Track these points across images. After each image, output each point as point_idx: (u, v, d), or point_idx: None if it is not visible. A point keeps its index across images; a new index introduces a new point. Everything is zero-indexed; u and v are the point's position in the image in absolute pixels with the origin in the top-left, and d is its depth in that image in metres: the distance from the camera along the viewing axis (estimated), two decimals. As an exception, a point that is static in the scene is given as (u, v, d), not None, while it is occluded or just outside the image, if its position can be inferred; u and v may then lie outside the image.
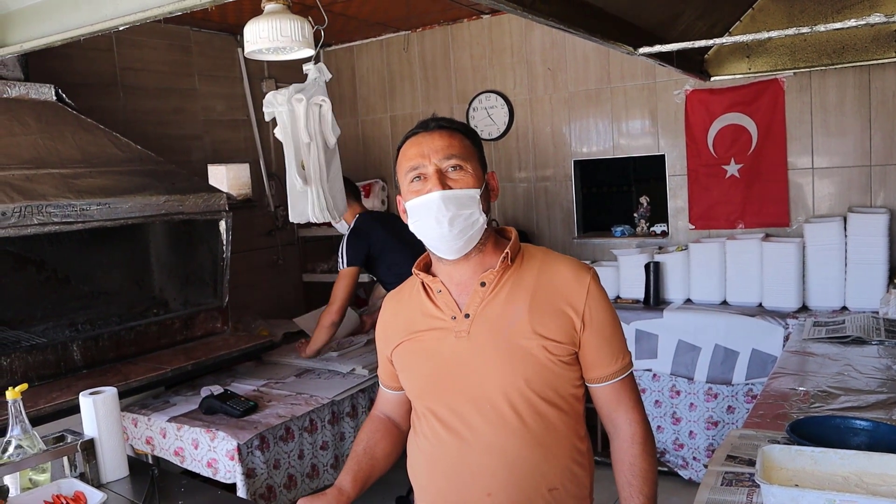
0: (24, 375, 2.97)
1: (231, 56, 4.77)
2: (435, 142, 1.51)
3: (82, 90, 3.81)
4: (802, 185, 4.06)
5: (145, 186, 3.32)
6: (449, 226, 1.47)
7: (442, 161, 1.50)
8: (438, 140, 1.51)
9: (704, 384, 3.76)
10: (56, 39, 1.87)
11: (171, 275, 3.99)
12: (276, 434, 2.95)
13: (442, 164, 1.50)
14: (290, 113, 2.67)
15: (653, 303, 4.06)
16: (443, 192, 1.47)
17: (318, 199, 2.89)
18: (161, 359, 3.38)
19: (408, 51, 5.20)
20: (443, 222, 1.47)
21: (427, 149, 1.51)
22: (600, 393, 1.57)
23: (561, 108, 4.71)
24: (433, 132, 1.53)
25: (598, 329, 1.52)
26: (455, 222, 1.47)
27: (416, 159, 1.51)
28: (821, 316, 3.59)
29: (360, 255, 3.68)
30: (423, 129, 1.55)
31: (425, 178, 1.50)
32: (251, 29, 2.08)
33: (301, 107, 2.65)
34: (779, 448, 1.69)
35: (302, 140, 2.72)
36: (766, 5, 3.70)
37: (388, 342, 1.67)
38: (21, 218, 2.78)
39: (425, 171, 1.50)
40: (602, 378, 1.55)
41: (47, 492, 1.86)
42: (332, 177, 2.93)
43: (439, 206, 1.46)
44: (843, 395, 2.40)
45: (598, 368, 1.54)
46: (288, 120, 2.69)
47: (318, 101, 2.66)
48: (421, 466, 1.61)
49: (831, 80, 3.90)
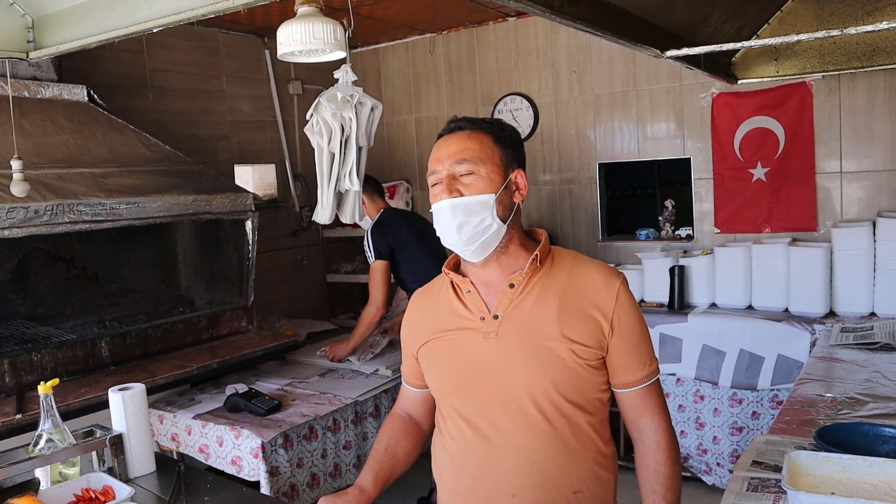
0: (53, 371, 3.03)
1: (258, 58, 4.82)
2: (451, 145, 1.52)
3: (113, 91, 3.88)
4: (830, 189, 4.00)
5: (173, 186, 3.36)
6: (457, 233, 1.47)
7: (454, 166, 1.50)
8: (454, 143, 1.52)
9: (729, 389, 3.73)
10: (91, 41, 1.90)
11: (197, 274, 4.04)
12: (300, 433, 2.97)
13: (453, 169, 1.49)
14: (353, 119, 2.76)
15: (677, 307, 4.04)
16: (451, 201, 1.47)
17: (357, 202, 3.01)
18: (187, 357, 3.42)
19: (433, 53, 5.21)
20: (451, 229, 1.48)
21: (443, 153, 1.52)
22: (626, 398, 1.56)
23: (586, 110, 4.69)
24: (452, 134, 1.54)
25: (626, 334, 1.52)
26: (463, 229, 1.47)
27: (434, 164, 1.53)
28: (848, 322, 3.54)
29: (386, 248, 3.70)
30: (447, 130, 1.56)
31: (440, 182, 1.51)
32: (284, 31, 2.10)
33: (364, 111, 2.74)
34: (805, 454, 1.67)
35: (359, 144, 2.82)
36: (795, 7, 3.66)
37: (414, 339, 1.67)
38: (53, 216, 2.83)
39: (439, 175, 1.51)
40: (628, 384, 1.54)
41: (77, 485, 1.89)
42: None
43: (447, 213, 1.48)
44: (872, 401, 2.37)
45: (624, 374, 1.54)
46: (348, 125, 2.75)
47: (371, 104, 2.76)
48: (446, 466, 1.61)
49: (861, 83, 3.85)
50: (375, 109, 2.87)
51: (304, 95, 5.12)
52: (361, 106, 2.80)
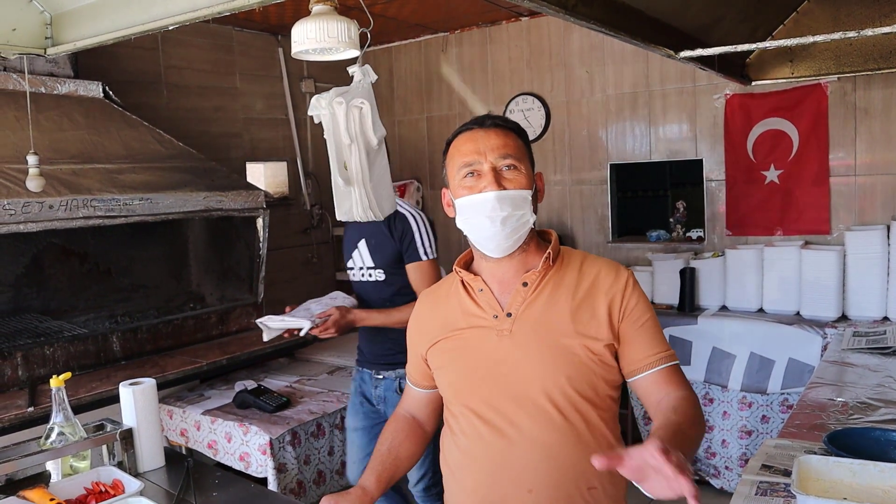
0: (65, 364, 3.06)
1: (272, 56, 4.84)
2: (491, 139, 1.51)
3: (128, 88, 3.90)
4: (844, 193, 3.98)
5: (186, 183, 3.38)
6: (501, 225, 1.47)
7: (498, 160, 1.50)
8: (495, 138, 1.52)
9: (739, 392, 3.71)
10: (108, 38, 1.92)
11: (208, 270, 4.06)
12: (308, 430, 2.98)
13: (497, 163, 1.50)
14: (332, 116, 2.71)
15: (687, 309, 4.02)
16: (498, 192, 1.47)
17: (361, 199, 2.95)
18: (197, 352, 3.44)
19: (446, 52, 5.22)
20: (496, 221, 1.47)
21: (483, 146, 1.51)
22: (647, 381, 1.50)
23: (598, 111, 4.68)
24: (489, 129, 1.53)
25: (636, 319, 1.51)
26: (508, 222, 1.48)
27: (472, 155, 1.51)
28: (861, 326, 3.51)
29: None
30: (478, 125, 1.55)
31: (479, 174, 1.50)
32: (299, 29, 2.11)
33: (341, 110, 2.68)
34: (816, 458, 1.66)
35: (343, 142, 2.76)
36: (811, 9, 3.64)
37: (423, 339, 1.67)
38: (67, 211, 2.86)
39: (480, 168, 1.50)
40: (646, 365, 1.49)
41: (87, 478, 1.90)
42: (376, 176, 2.96)
43: (494, 205, 1.47)
44: (884, 407, 2.35)
45: (640, 356, 1.50)
46: (330, 122, 2.72)
47: (357, 103, 2.69)
48: (459, 464, 1.61)
49: (877, 85, 3.82)
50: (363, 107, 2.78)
51: (317, 93, 5.13)
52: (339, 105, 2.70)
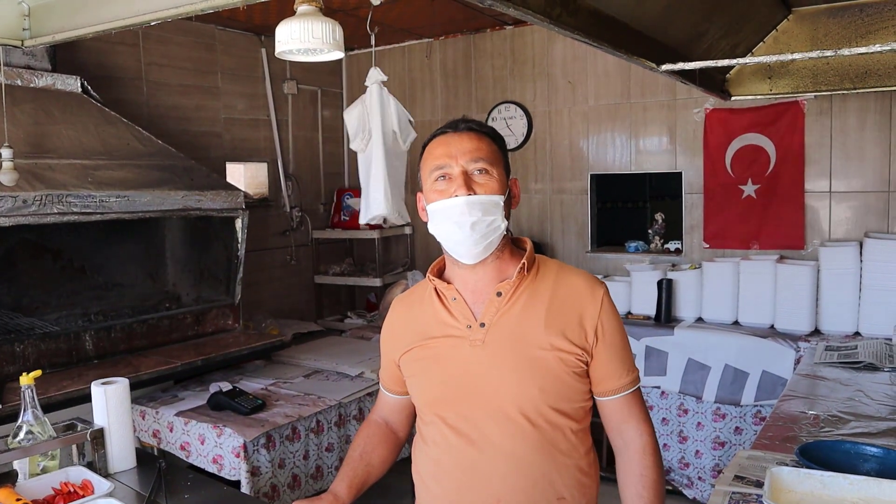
0: (36, 362, 3.00)
1: (254, 56, 4.81)
2: (463, 143, 1.50)
3: (107, 83, 3.86)
4: (819, 209, 4.04)
5: (164, 181, 3.35)
6: (470, 230, 1.46)
7: (469, 163, 1.48)
8: (467, 142, 1.50)
9: (713, 404, 3.74)
10: (88, 32, 1.89)
11: (184, 270, 4.02)
12: (283, 433, 2.96)
13: (468, 167, 1.48)
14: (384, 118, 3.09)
15: (664, 320, 4.05)
16: (468, 198, 1.46)
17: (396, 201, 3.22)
18: (171, 353, 3.40)
19: (430, 58, 5.22)
20: (465, 226, 1.46)
21: (455, 149, 1.49)
22: (610, 406, 1.57)
23: (580, 121, 4.71)
24: (462, 133, 1.52)
25: (610, 342, 1.53)
26: (477, 227, 1.46)
27: (443, 159, 1.50)
28: (833, 340, 3.56)
29: None
30: (452, 128, 1.54)
31: (450, 178, 1.49)
32: (283, 29, 2.10)
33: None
34: (787, 470, 1.68)
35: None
36: (790, 27, 3.69)
37: (396, 346, 1.66)
38: (41, 206, 2.81)
39: (451, 171, 1.49)
40: (613, 390, 1.55)
41: (55, 478, 1.87)
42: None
43: (462, 210, 1.45)
44: (854, 420, 2.39)
45: (608, 381, 1.54)
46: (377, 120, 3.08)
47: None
48: (430, 473, 1.61)
49: (852, 104, 3.89)
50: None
51: (299, 95, 5.11)
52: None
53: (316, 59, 2.37)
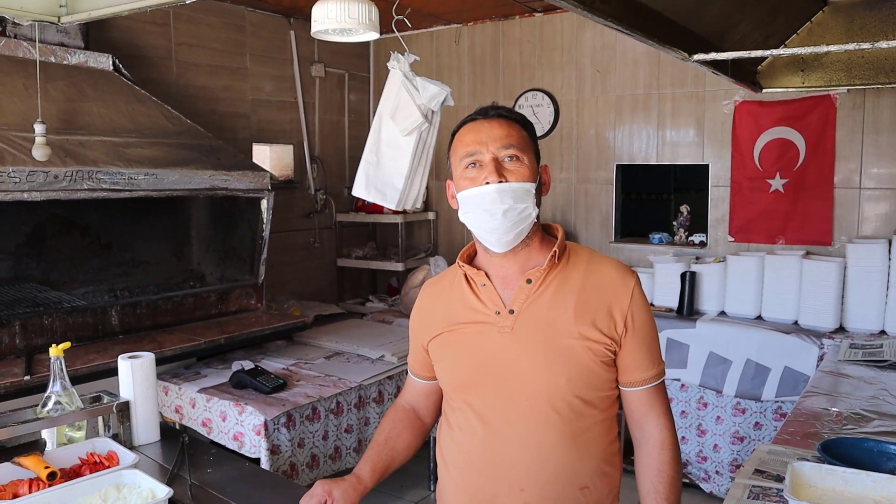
0: (63, 336, 3.06)
1: (283, 38, 4.82)
2: (494, 130, 1.48)
3: (138, 62, 3.89)
4: (848, 205, 3.98)
5: (192, 160, 3.38)
6: (502, 218, 1.44)
7: (500, 150, 1.47)
8: (498, 128, 1.49)
9: (733, 398, 3.72)
10: (123, 9, 1.91)
11: (209, 249, 4.06)
12: (303, 413, 2.99)
13: (499, 154, 1.47)
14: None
15: (686, 312, 4.03)
16: (499, 185, 1.44)
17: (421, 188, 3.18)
18: (195, 330, 3.44)
19: (458, 44, 5.20)
20: (496, 214, 1.44)
21: (485, 136, 1.48)
22: (634, 397, 1.56)
23: (607, 111, 4.68)
24: (493, 120, 1.51)
25: (639, 333, 1.52)
26: (508, 215, 1.45)
27: (473, 146, 1.48)
28: (858, 338, 3.52)
29: None
30: (482, 115, 1.52)
31: (481, 165, 1.47)
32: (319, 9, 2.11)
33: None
34: (809, 465, 1.67)
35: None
36: (825, 19, 3.62)
37: (425, 331, 1.65)
38: (72, 182, 2.85)
39: (482, 158, 1.47)
40: (638, 382, 1.54)
41: (82, 449, 1.91)
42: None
43: (494, 198, 1.44)
44: (878, 419, 2.36)
45: (635, 372, 1.54)
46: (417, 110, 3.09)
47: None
48: (454, 459, 1.61)
49: (886, 99, 3.82)
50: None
51: (327, 78, 5.12)
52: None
53: (351, 39, 2.37)
